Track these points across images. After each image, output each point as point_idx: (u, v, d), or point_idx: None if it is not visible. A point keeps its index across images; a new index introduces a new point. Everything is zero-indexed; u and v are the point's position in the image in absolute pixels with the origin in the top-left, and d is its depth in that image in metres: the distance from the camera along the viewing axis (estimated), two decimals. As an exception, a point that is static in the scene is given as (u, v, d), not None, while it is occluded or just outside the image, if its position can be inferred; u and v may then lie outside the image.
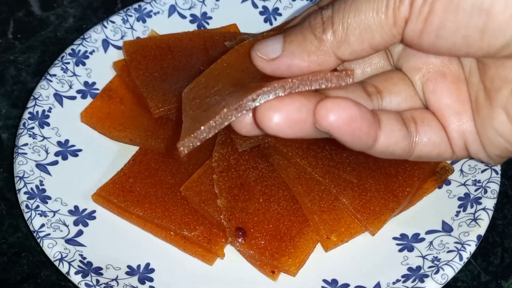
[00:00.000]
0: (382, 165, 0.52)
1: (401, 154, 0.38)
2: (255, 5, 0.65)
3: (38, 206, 0.50)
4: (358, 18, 0.35)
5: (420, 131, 0.39)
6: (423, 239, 0.49)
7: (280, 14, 0.65)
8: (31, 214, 0.50)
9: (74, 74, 0.59)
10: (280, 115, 0.34)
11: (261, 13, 0.65)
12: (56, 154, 0.55)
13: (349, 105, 0.34)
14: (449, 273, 0.46)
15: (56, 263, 0.48)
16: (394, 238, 0.50)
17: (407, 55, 0.40)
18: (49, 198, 0.51)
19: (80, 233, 0.50)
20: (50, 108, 0.57)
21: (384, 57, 0.42)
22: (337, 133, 0.35)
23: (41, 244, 0.48)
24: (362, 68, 0.42)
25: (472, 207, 0.50)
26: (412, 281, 0.46)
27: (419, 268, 0.47)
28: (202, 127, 0.35)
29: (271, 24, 0.64)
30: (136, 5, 0.63)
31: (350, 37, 0.35)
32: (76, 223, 0.51)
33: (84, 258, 0.48)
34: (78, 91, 0.58)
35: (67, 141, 0.56)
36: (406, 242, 0.50)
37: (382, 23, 0.34)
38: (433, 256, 0.48)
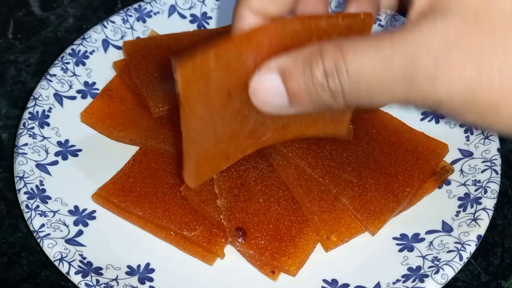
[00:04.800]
0: (382, 165, 0.52)
1: None
2: (255, 5, 0.65)
3: (38, 206, 0.50)
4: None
5: None
6: (423, 239, 0.49)
7: (280, 14, 0.65)
8: (31, 214, 0.50)
9: (74, 74, 0.59)
10: None
11: (261, 13, 0.65)
12: (56, 154, 0.55)
13: None
14: (449, 273, 0.46)
15: (56, 263, 0.48)
16: (394, 238, 0.50)
17: None
18: (49, 198, 0.51)
19: (80, 233, 0.50)
20: (50, 108, 0.57)
21: None
22: None
23: (41, 244, 0.48)
24: None
25: (472, 207, 0.50)
26: (412, 281, 0.46)
27: (419, 268, 0.47)
28: None
29: (271, 24, 0.64)
30: (136, 5, 0.63)
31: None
32: (76, 223, 0.51)
33: (84, 258, 0.48)
34: (78, 91, 0.58)
35: (67, 141, 0.56)
36: (406, 242, 0.50)
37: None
38: (433, 256, 0.48)
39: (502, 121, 0.33)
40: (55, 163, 0.54)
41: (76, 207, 0.52)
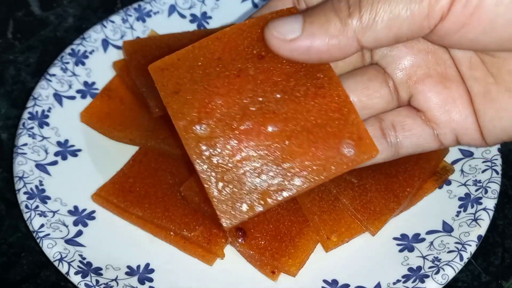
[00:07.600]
0: (382, 165, 0.52)
1: (384, 160, 0.40)
2: (255, 5, 0.65)
3: (37, 206, 0.50)
4: (388, 5, 0.33)
5: (401, 137, 0.40)
6: (423, 239, 0.49)
7: (280, 14, 0.64)
8: (31, 214, 0.50)
9: (74, 74, 0.59)
10: None
11: (261, 13, 0.65)
12: (56, 154, 0.54)
13: None
14: (449, 273, 0.46)
15: (56, 263, 0.47)
16: (395, 238, 0.50)
17: (392, 57, 0.40)
18: (49, 198, 0.51)
19: (79, 233, 0.50)
20: (50, 108, 0.56)
21: (360, 55, 0.41)
22: None
23: (40, 244, 0.48)
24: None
25: (472, 207, 0.50)
26: (413, 282, 0.46)
27: (419, 268, 0.47)
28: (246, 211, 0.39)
29: (271, 24, 0.64)
30: (136, 5, 0.63)
31: (378, 24, 0.34)
32: (75, 223, 0.51)
33: (84, 258, 0.48)
34: (78, 91, 0.58)
35: (66, 141, 0.56)
36: (407, 242, 0.50)
37: (414, 13, 0.33)
38: (434, 256, 0.48)
39: None
40: (54, 163, 0.54)
41: (75, 207, 0.52)
